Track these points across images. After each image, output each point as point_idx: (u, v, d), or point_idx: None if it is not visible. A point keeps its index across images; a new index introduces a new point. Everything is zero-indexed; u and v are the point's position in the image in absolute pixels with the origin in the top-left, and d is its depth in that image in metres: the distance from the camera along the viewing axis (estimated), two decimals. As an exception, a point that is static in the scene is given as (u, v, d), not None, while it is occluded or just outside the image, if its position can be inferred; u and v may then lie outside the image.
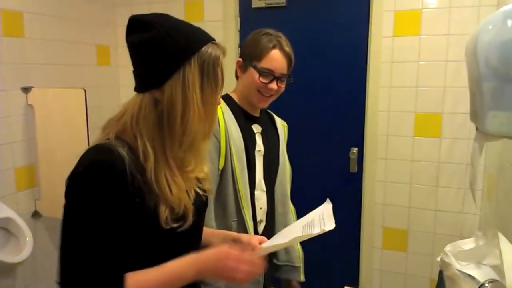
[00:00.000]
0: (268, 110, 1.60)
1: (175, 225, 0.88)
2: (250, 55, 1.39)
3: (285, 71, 1.41)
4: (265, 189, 1.46)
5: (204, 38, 0.92)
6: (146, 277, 0.86)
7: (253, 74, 1.38)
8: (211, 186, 1.08)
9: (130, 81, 0.96)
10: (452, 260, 1.35)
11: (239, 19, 2.74)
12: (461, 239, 2.47)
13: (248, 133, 1.41)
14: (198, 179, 1.03)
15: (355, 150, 2.65)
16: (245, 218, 1.34)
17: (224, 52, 0.95)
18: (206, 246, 1.08)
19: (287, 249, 1.58)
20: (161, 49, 0.87)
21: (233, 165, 1.33)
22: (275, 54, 1.38)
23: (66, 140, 2.31)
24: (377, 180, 2.63)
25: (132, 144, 0.88)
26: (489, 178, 2.28)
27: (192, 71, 0.87)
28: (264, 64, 1.37)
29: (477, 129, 1.44)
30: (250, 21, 2.72)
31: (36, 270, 2.49)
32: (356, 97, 2.62)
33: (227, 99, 1.43)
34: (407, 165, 2.56)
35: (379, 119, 2.57)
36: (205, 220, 1.14)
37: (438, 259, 1.49)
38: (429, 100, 2.46)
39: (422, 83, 2.47)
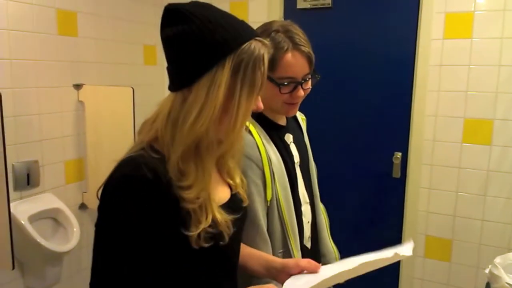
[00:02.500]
0: None
1: (206, 244, 0.80)
2: None
3: (307, 71, 1.19)
4: (308, 201, 1.33)
5: (247, 34, 0.81)
6: None
7: (272, 87, 1.16)
8: (245, 194, 1.00)
9: None
10: (502, 272, 1.29)
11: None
12: (509, 251, 2.36)
13: (283, 148, 1.25)
14: (234, 189, 0.96)
15: (399, 154, 2.59)
16: (291, 249, 1.20)
17: (269, 51, 0.84)
18: (243, 267, 1.03)
19: (323, 252, 1.46)
20: (195, 45, 0.78)
21: (277, 193, 1.18)
22: (291, 57, 1.15)
23: (113, 136, 2.39)
24: (421, 187, 2.55)
25: (165, 152, 0.81)
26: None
27: (224, 71, 0.77)
28: (281, 73, 1.16)
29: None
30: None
31: (81, 259, 2.59)
32: (402, 100, 2.55)
33: (254, 114, 1.18)
34: (453, 172, 2.47)
35: (425, 124, 2.50)
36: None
37: (487, 271, 1.43)
38: (479, 106, 2.37)
39: (473, 88, 2.37)
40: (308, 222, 1.33)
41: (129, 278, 0.77)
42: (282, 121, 1.31)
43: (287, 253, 1.20)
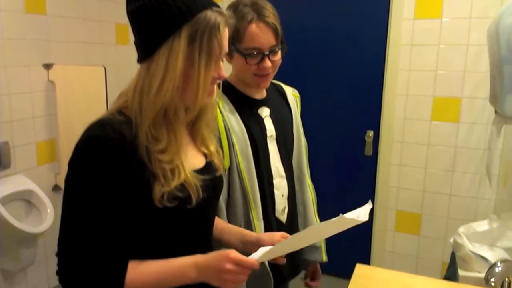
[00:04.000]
0: (276, 82, 1.46)
1: (169, 204, 0.84)
2: (230, 38, 1.17)
3: (273, 42, 1.21)
4: (284, 174, 1.34)
5: (202, 4, 0.84)
6: (147, 268, 0.85)
7: (239, 58, 1.22)
8: (220, 163, 1.03)
9: None
10: (465, 241, 1.36)
11: None
12: (474, 224, 2.47)
13: (254, 121, 1.28)
14: (208, 157, 0.99)
15: (371, 133, 2.65)
16: (252, 219, 1.23)
17: (227, 20, 0.87)
18: (218, 240, 1.07)
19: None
20: (152, 16, 0.82)
21: (237, 162, 1.22)
22: (255, 28, 1.18)
23: (85, 116, 2.31)
24: (392, 164, 2.63)
25: (132, 117, 0.85)
26: (506, 164, 2.26)
27: (180, 41, 0.81)
28: (247, 44, 1.19)
29: (496, 112, 1.43)
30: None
31: (56, 241, 2.58)
32: (374, 80, 2.60)
33: (226, 86, 1.27)
34: (423, 149, 2.55)
35: (396, 103, 2.56)
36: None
37: (451, 240, 1.50)
38: (448, 84, 2.44)
39: (442, 67, 2.44)
40: (283, 196, 1.35)
41: (94, 232, 0.81)
42: (259, 95, 1.33)
43: (248, 223, 1.24)
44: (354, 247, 2.80)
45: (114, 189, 0.82)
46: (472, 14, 2.33)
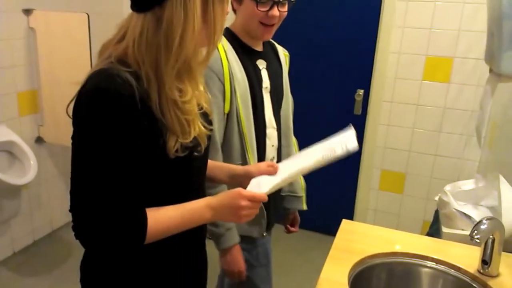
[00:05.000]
0: (270, 40, 1.47)
1: (182, 154, 0.83)
2: None
3: None
4: (275, 126, 1.41)
5: None
6: (165, 214, 0.84)
7: (249, 4, 1.25)
8: (208, 104, 1.00)
9: None
10: (450, 199, 1.38)
11: None
12: (457, 184, 2.51)
13: (253, 71, 1.33)
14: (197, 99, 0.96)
15: (361, 92, 2.62)
16: (249, 162, 1.29)
17: None
18: (209, 178, 1.07)
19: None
20: None
21: (237, 108, 1.27)
22: None
23: (68, 66, 2.27)
24: (380, 124, 2.63)
25: (136, 69, 0.80)
26: (492, 125, 2.27)
27: None
28: None
29: (490, 71, 1.42)
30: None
31: (40, 194, 2.55)
32: (367, 37, 2.54)
33: (228, 34, 1.32)
34: (412, 109, 2.54)
35: (388, 61, 2.52)
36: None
37: (436, 198, 1.52)
38: (441, 44, 2.40)
39: (437, 25, 2.39)
40: (273, 146, 1.40)
41: (110, 184, 0.78)
42: (258, 47, 1.37)
43: (245, 165, 1.27)
44: (338, 205, 2.84)
45: (127, 142, 0.78)
46: (470, -30, 2.26)
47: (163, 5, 0.76)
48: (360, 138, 2.74)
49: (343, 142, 1.00)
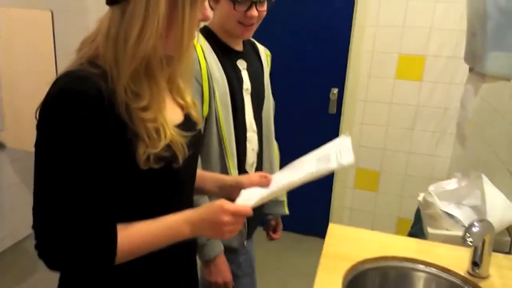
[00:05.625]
0: (250, 38, 1.43)
1: (155, 166, 0.75)
2: None
3: None
4: (256, 129, 1.35)
5: None
6: (137, 229, 0.77)
7: (227, 4, 1.19)
8: (198, 115, 0.96)
9: (100, 5, 0.82)
10: (435, 199, 1.38)
11: None
12: (431, 181, 2.55)
13: (233, 72, 1.26)
14: (185, 109, 0.91)
15: (335, 91, 2.61)
16: (228, 167, 1.24)
17: None
18: (198, 189, 1.01)
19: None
20: None
21: (216, 111, 1.20)
22: None
23: (31, 67, 2.13)
24: (355, 122, 2.63)
25: (105, 68, 0.74)
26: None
27: None
28: None
29: (470, 70, 1.42)
30: None
31: (2, 204, 2.39)
32: (341, 35, 2.54)
33: (207, 34, 1.26)
34: (385, 107, 2.56)
35: (362, 60, 2.52)
36: None
37: (420, 198, 1.52)
38: (414, 42, 2.42)
39: (409, 23, 2.41)
40: (253, 150, 1.35)
41: (77, 197, 0.71)
42: (238, 47, 1.31)
43: (224, 172, 1.25)
44: (314, 204, 2.83)
45: (93, 150, 0.71)
46: (441, -31, 2.29)
47: None
48: (335, 137, 2.73)
49: (338, 154, 0.95)
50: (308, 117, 2.73)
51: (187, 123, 0.89)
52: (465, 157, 2.19)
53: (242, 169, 1.32)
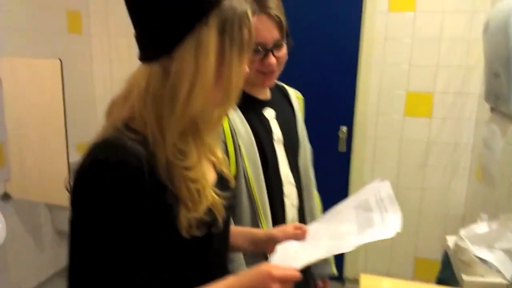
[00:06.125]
0: (279, 83, 1.37)
1: (197, 232, 0.71)
2: None
3: (277, 36, 1.12)
4: (294, 182, 1.23)
5: None
6: None
7: None
8: (229, 171, 0.91)
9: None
10: (468, 245, 1.32)
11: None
12: (447, 218, 2.50)
13: (260, 123, 1.18)
14: (217, 166, 0.86)
15: (344, 128, 2.60)
16: (261, 228, 1.12)
17: (251, 7, 0.74)
18: (230, 246, 0.95)
19: None
20: (169, 4, 0.67)
21: (244, 168, 1.11)
22: (256, 22, 1.06)
23: (39, 115, 2.10)
24: (366, 160, 2.60)
25: (143, 132, 0.70)
26: (479, 157, 2.29)
27: (209, 31, 0.67)
28: None
29: (492, 110, 1.40)
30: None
31: (7, 255, 2.31)
32: (348, 74, 2.54)
33: None
34: (395, 144, 2.53)
35: (370, 98, 2.52)
36: None
37: (450, 243, 1.46)
38: (421, 79, 2.43)
39: (415, 62, 2.42)
40: (293, 205, 1.24)
41: (115, 277, 0.66)
42: (263, 95, 1.23)
43: None
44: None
45: (134, 221, 0.66)
46: (445, 8, 2.32)
47: (172, 54, 0.67)
48: (346, 175, 2.72)
49: (381, 206, 0.89)
50: (318, 156, 2.68)
51: (221, 182, 0.84)
52: (481, 191, 2.14)
53: None
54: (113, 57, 2.79)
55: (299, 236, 0.93)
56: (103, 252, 0.65)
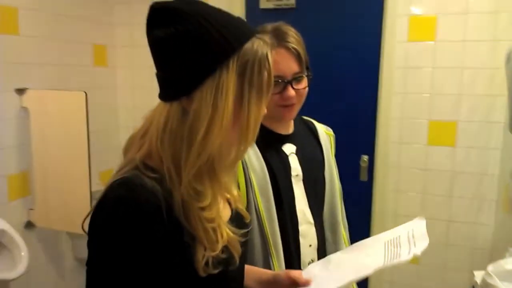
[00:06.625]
0: (307, 118, 1.37)
1: (215, 271, 0.70)
2: None
3: (296, 69, 1.11)
4: (312, 221, 1.19)
5: (248, 32, 0.73)
6: None
7: None
8: (245, 210, 0.90)
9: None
10: (496, 281, 1.27)
11: (245, 20, 2.62)
12: (473, 250, 2.41)
13: (278, 158, 1.16)
14: (233, 204, 0.87)
15: (365, 158, 2.56)
16: (273, 268, 1.09)
17: (271, 41, 0.78)
18: None
19: None
20: (192, 46, 0.68)
21: (256, 203, 1.08)
22: (274, 55, 1.07)
23: (63, 146, 2.15)
24: (389, 190, 2.55)
25: (160, 170, 0.71)
26: (506, 188, 2.21)
27: (229, 74, 0.68)
28: None
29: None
30: (258, 23, 2.61)
31: (30, 284, 2.32)
32: (368, 103, 2.53)
33: None
34: (419, 174, 2.48)
35: (391, 126, 2.49)
36: None
37: (477, 279, 1.41)
38: (443, 108, 2.39)
39: (437, 90, 2.39)
40: (311, 245, 1.19)
41: None
42: (284, 130, 1.21)
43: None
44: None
45: (151, 261, 0.66)
46: (466, 37, 2.31)
47: (191, 95, 0.69)
48: (368, 205, 2.67)
49: (411, 240, 0.87)
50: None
51: (237, 219, 0.84)
52: (510, 223, 2.06)
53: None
54: (136, 87, 2.86)
55: (302, 283, 0.91)
56: (118, 285, 0.65)
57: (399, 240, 0.89)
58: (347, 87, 2.57)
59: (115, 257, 0.65)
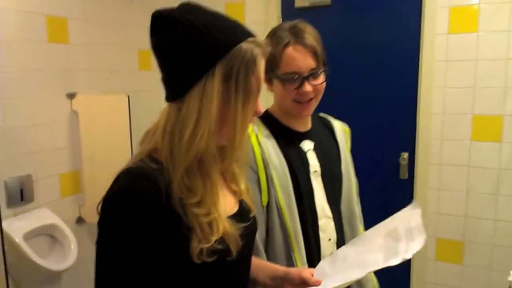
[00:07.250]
0: (323, 115, 1.38)
1: (209, 259, 0.74)
2: (268, 64, 1.04)
3: (313, 65, 1.13)
4: (331, 215, 1.21)
5: (237, 36, 0.75)
6: None
7: (278, 84, 1.14)
8: (251, 201, 0.94)
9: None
10: (531, 281, 1.21)
11: (281, 19, 2.66)
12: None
13: (296, 155, 1.18)
14: (238, 196, 0.91)
15: (405, 155, 2.50)
16: (295, 262, 1.12)
17: (266, 52, 0.78)
18: (252, 280, 0.99)
19: (361, 281, 1.30)
20: (181, 53, 0.73)
21: (277, 199, 1.11)
22: (291, 51, 1.11)
23: (109, 146, 2.30)
24: (430, 188, 2.47)
25: (163, 162, 0.77)
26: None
27: (214, 80, 0.73)
28: (284, 68, 1.12)
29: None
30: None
31: (79, 275, 2.49)
32: (407, 98, 2.47)
33: (266, 118, 1.20)
34: (463, 171, 2.38)
35: (432, 122, 2.41)
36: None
37: (511, 278, 1.35)
38: (488, 102, 2.29)
39: (481, 84, 2.29)
40: (330, 239, 1.22)
41: None
42: (302, 127, 1.24)
43: (291, 266, 1.13)
44: (391, 279, 2.62)
45: (150, 246, 0.73)
46: (511, 27, 2.19)
47: (183, 98, 0.75)
48: (408, 203, 2.59)
49: (408, 234, 0.89)
50: (378, 183, 2.61)
51: (241, 212, 0.88)
52: None
53: (317, 263, 1.15)
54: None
55: (312, 283, 0.93)
56: (119, 271, 0.72)
57: (397, 233, 0.90)
58: (386, 84, 2.52)
59: (115, 240, 0.73)
